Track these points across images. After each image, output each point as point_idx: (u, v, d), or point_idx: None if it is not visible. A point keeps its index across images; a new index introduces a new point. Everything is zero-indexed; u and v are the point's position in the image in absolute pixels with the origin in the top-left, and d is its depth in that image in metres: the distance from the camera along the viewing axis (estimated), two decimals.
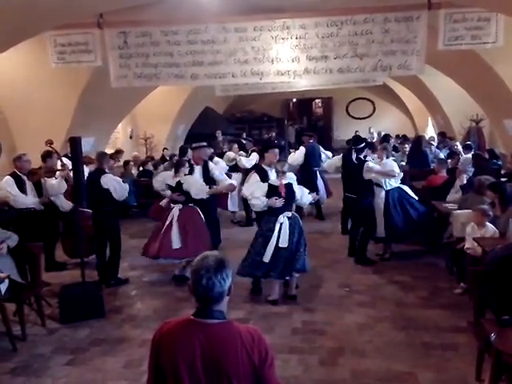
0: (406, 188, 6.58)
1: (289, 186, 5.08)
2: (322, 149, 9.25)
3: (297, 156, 9.18)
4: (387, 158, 6.50)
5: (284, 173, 5.09)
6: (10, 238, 4.56)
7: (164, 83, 6.59)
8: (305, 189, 5.36)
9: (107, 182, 5.60)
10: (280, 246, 4.95)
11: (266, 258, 4.96)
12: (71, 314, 4.78)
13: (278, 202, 4.96)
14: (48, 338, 4.51)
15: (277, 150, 5.46)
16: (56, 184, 5.97)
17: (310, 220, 8.52)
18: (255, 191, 5.09)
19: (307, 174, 8.75)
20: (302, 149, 9.11)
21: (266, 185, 5.09)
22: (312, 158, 8.81)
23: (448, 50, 5.50)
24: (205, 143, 6.89)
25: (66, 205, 6.14)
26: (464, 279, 5.17)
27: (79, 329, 4.66)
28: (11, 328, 4.30)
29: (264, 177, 5.24)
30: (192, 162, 6.55)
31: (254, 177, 5.32)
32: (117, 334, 4.57)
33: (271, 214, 5.07)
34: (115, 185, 5.64)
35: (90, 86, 7.45)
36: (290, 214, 5.10)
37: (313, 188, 8.53)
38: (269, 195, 5.01)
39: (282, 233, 4.97)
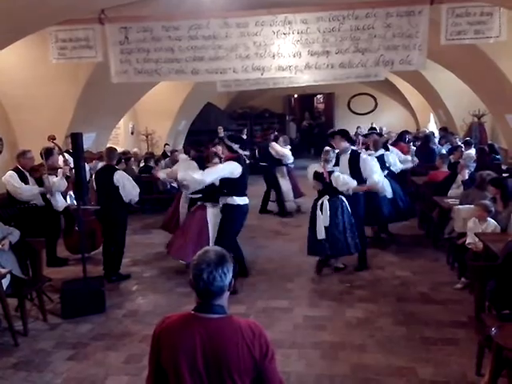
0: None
1: (331, 173, 5.53)
2: (277, 146, 8.95)
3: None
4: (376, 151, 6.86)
5: (327, 161, 5.57)
6: (11, 233, 4.58)
7: (165, 79, 6.57)
8: (347, 178, 5.56)
9: (119, 179, 5.59)
10: (324, 225, 5.48)
11: (320, 235, 5.51)
12: (73, 309, 4.80)
13: (317, 186, 5.61)
14: (49, 333, 4.53)
15: (338, 137, 5.92)
16: (57, 182, 5.99)
17: None
18: (310, 171, 5.76)
19: (263, 172, 9.08)
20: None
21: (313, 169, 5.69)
22: (265, 156, 8.86)
23: (450, 44, 5.47)
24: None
25: (60, 203, 6.16)
26: (465, 274, 5.17)
27: (81, 324, 4.68)
28: (13, 323, 4.31)
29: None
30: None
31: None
32: (118, 329, 4.59)
33: (316, 198, 5.72)
34: (126, 183, 5.62)
35: (91, 82, 7.44)
36: (328, 197, 5.56)
37: (270, 185, 8.83)
38: (316, 179, 5.63)
39: (323, 213, 5.51)
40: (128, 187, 5.64)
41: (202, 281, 1.80)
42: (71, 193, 6.46)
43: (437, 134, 12.42)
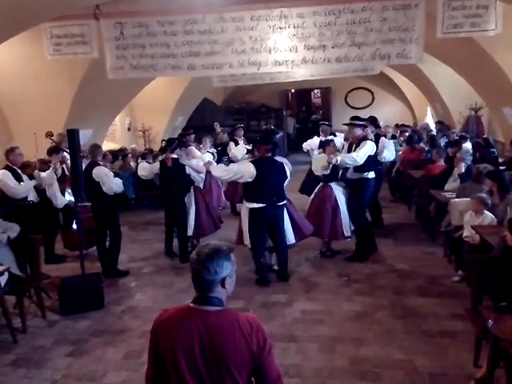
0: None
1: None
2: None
3: None
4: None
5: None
6: (11, 228, 4.56)
7: (161, 74, 6.56)
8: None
9: (98, 174, 5.57)
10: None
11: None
12: (71, 306, 4.80)
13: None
14: (48, 330, 4.53)
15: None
16: (46, 175, 5.96)
17: None
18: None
19: None
20: None
21: None
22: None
23: (447, 38, 5.46)
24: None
25: (59, 200, 6.14)
26: (462, 267, 5.19)
27: (79, 320, 4.68)
28: (11, 320, 4.32)
29: None
30: None
31: None
32: (117, 325, 4.60)
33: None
34: (104, 178, 5.58)
35: (87, 78, 7.41)
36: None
37: None
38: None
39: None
40: (107, 183, 5.58)
41: (194, 272, 1.85)
42: (69, 190, 6.44)
43: (433, 127, 12.41)
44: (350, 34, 5.51)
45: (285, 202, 5.52)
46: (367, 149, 5.82)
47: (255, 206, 5.33)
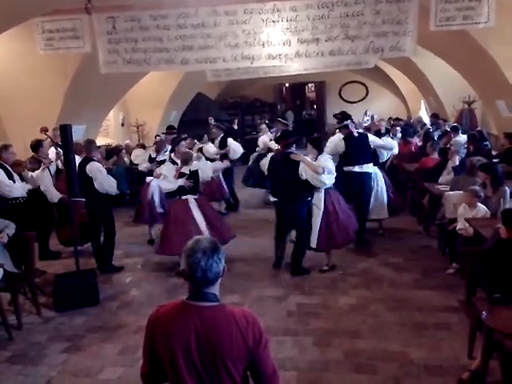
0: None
1: None
2: None
3: None
4: None
5: None
6: (8, 226, 4.55)
7: (154, 69, 6.51)
8: None
9: (91, 170, 5.52)
10: None
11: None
12: (66, 303, 4.79)
13: None
14: (44, 327, 4.52)
15: None
16: (36, 175, 5.92)
17: None
18: None
19: None
20: None
21: None
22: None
23: (440, 30, 5.46)
24: None
25: (54, 195, 6.11)
26: (456, 259, 5.22)
27: (75, 317, 4.68)
28: (6, 317, 4.30)
29: None
30: None
31: None
32: (112, 320, 4.59)
33: None
34: (96, 173, 5.53)
35: (79, 73, 7.36)
36: None
37: None
38: None
39: None
40: (99, 179, 5.52)
41: (201, 269, 1.81)
42: None
43: (427, 120, 12.45)
44: (344, 27, 5.50)
45: (301, 202, 5.26)
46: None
47: (271, 198, 5.58)
